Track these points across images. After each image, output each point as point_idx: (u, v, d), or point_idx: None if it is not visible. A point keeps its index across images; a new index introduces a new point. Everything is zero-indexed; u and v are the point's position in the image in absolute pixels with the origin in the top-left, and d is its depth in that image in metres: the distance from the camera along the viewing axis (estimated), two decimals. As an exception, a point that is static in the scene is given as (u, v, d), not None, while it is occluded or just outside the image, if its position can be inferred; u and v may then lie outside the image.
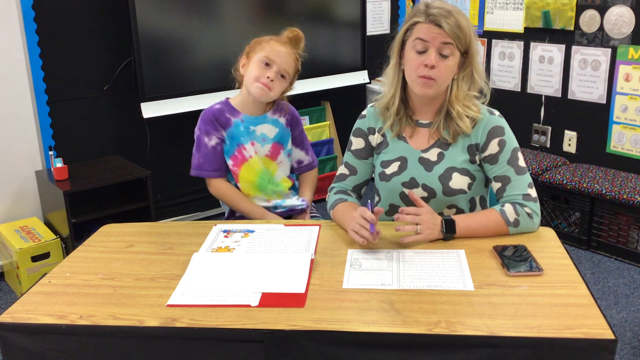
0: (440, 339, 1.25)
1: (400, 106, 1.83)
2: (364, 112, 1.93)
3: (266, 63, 1.99)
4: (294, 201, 2.16)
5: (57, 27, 3.20)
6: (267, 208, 2.12)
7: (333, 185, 1.95)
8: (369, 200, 1.78)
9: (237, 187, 2.12)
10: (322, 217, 2.19)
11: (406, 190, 1.81)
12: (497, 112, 1.82)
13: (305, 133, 2.26)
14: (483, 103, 1.83)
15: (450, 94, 1.78)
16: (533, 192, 1.74)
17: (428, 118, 1.84)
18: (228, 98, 2.13)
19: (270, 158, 2.12)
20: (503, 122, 1.80)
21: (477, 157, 1.79)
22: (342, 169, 1.95)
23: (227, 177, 2.14)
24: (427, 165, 1.80)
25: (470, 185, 1.79)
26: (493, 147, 1.76)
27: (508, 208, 1.70)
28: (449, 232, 1.66)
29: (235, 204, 2.12)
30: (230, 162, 2.10)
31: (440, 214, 1.79)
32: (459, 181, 1.78)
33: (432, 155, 1.81)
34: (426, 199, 1.79)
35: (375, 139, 1.89)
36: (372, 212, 1.63)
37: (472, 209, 1.84)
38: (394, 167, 1.83)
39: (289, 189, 2.19)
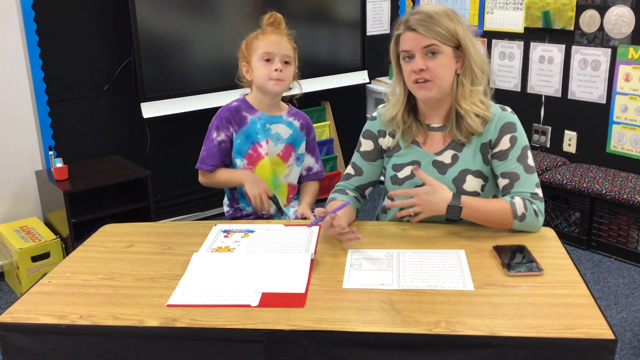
0: (440, 339, 1.25)
1: (406, 117, 1.83)
2: (374, 114, 1.92)
3: (267, 59, 2.00)
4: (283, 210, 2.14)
5: (57, 27, 3.20)
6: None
7: (338, 183, 1.96)
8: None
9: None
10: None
11: None
12: (509, 109, 1.81)
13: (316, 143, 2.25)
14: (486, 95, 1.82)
15: (456, 93, 1.78)
16: (540, 192, 1.73)
17: (439, 122, 1.83)
18: (245, 95, 2.14)
19: (282, 159, 2.12)
20: (515, 119, 1.79)
21: (489, 156, 1.79)
22: (348, 169, 1.95)
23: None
24: (441, 168, 1.80)
25: (483, 187, 1.79)
26: (504, 143, 1.76)
27: (518, 201, 1.69)
28: (454, 202, 1.67)
29: (221, 181, 2.11)
30: (244, 162, 2.09)
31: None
32: (472, 183, 1.77)
33: (446, 157, 1.80)
34: None
35: (386, 142, 1.89)
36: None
37: None
38: (407, 171, 1.83)
39: (291, 196, 2.18)
